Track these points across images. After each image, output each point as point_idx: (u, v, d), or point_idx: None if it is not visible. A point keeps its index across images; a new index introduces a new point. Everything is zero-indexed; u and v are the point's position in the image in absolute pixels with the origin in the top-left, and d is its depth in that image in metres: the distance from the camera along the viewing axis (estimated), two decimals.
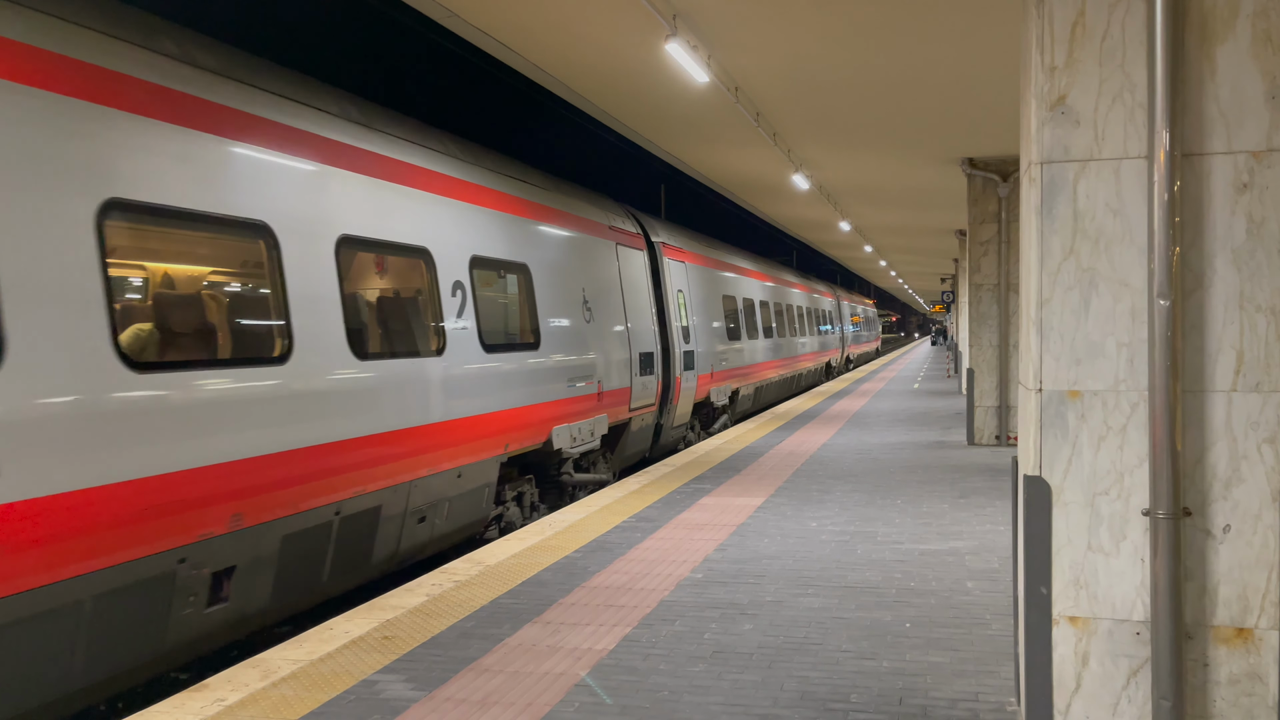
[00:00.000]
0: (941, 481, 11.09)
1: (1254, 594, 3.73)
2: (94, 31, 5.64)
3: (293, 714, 4.71)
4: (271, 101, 7.07)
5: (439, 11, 8.07)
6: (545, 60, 9.64)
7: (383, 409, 7.73)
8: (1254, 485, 3.73)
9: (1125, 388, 3.85)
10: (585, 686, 5.00)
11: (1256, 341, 3.72)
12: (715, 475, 11.82)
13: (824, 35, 8.75)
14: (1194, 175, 3.75)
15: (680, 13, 8.15)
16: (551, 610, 6.34)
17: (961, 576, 6.97)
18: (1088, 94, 3.84)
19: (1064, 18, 3.85)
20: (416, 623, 6.12)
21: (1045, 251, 3.92)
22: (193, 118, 6.25)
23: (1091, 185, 3.86)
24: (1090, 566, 3.88)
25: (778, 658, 5.38)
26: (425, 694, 4.94)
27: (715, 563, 7.50)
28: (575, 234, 12.41)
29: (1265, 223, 3.70)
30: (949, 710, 4.62)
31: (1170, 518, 3.69)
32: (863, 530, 8.55)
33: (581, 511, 9.62)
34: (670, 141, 13.94)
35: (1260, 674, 3.74)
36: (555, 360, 11.01)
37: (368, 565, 7.75)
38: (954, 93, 10.77)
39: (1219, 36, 3.70)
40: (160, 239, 6.06)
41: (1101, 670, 3.86)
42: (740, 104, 10.98)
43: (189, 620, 5.89)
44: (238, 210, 6.46)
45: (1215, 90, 3.72)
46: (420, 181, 8.82)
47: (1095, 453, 3.87)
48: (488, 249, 9.90)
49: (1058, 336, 3.92)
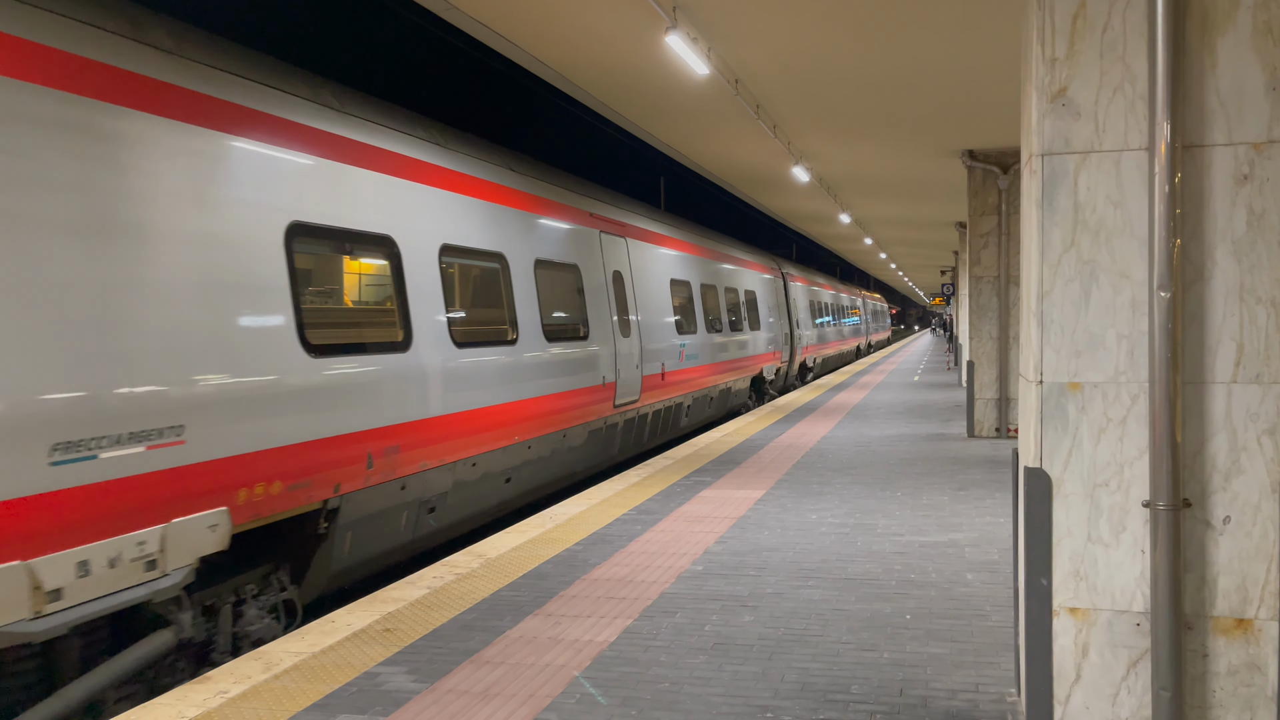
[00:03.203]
0: (941, 474, 11.10)
1: (1253, 585, 3.74)
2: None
3: (295, 706, 4.73)
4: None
5: (438, 4, 8.06)
6: (545, 53, 9.63)
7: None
8: (1254, 476, 3.74)
9: (1125, 379, 3.85)
10: (586, 679, 5.01)
11: (1257, 333, 3.72)
12: (715, 468, 11.83)
13: (824, 27, 8.74)
14: (1194, 167, 3.75)
15: (680, 5, 8.14)
16: (552, 602, 6.36)
17: (961, 568, 6.99)
18: (1088, 86, 3.84)
19: (1065, 9, 3.85)
20: (418, 615, 6.14)
21: (1046, 243, 3.92)
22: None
23: (1092, 177, 3.86)
24: (1090, 558, 3.89)
25: (778, 649, 5.40)
26: (427, 686, 4.96)
27: (716, 555, 7.52)
28: (754, 273, 23.79)
29: (1266, 214, 3.70)
30: (949, 701, 4.63)
31: (1170, 509, 3.69)
32: (863, 522, 8.56)
33: (582, 504, 9.63)
34: (670, 134, 13.93)
35: (1260, 665, 3.75)
36: (763, 337, 23.54)
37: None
38: (954, 85, 10.76)
39: (1220, 28, 3.70)
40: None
41: (1101, 661, 3.88)
42: (740, 96, 10.97)
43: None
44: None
45: (1216, 82, 3.72)
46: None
47: (1095, 444, 3.88)
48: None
49: (1058, 328, 3.92)
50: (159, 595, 5.57)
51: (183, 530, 5.72)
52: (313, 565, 7.14)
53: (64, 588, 4.94)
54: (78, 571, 5.04)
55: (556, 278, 11.52)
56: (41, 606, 4.83)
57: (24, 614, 4.73)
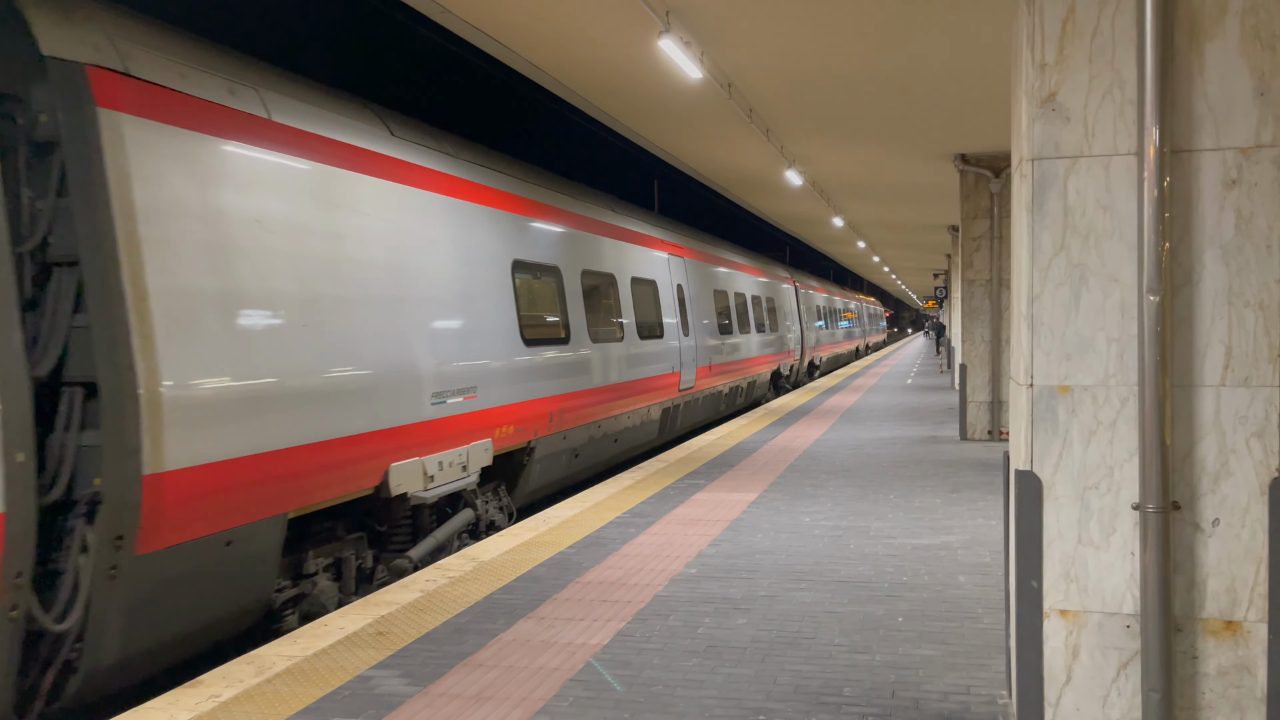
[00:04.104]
0: (934, 476, 11.13)
1: (1242, 587, 3.77)
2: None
3: (287, 710, 4.73)
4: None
5: (432, 8, 8.08)
6: (538, 56, 9.65)
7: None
8: (1242, 479, 3.76)
9: (1115, 382, 3.87)
10: (579, 682, 5.02)
11: (1245, 336, 3.75)
12: (709, 471, 11.85)
13: (816, 31, 8.77)
14: (1183, 171, 3.78)
15: (673, 9, 8.16)
16: (546, 605, 6.36)
17: (953, 570, 7.01)
18: (1078, 91, 3.87)
19: (1054, 15, 3.87)
20: (411, 618, 6.14)
21: (1036, 247, 3.94)
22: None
23: (1082, 181, 3.89)
24: (1080, 560, 3.91)
25: (771, 651, 5.41)
26: (420, 689, 4.96)
27: (709, 558, 7.53)
28: (774, 283, 27.16)
29: (1253, 218, 3.73)
30: (941, 703, 4.65)
31: (1159, 512, 3.71)
32: (856, 525, 8.58)
33: (576, 507, 9.64)
34: (663, 137, 13.95)
35: (1249, 666, 3.77)
36: (781, 338, 26.75)
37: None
38: (946, 89, 10.80)
39: (1208, 33, 3.73)
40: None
41: (1092, 663, 3.89)
42: (733, 100, 11.00)
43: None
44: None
45: (1204, 87, 3.74)
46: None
47: (1085, 447, 3.90)
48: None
49: (1048, 332, 3.94)
50: (467, 487, 9.02)
51: (475, 450, 9.14)
52: (517, 485, 10.47)
53: (434, 476, 8.35)
54: (437, 468, 8.40)
55: (644, 290, 14.97)
56: (426, 485, 8.22)
57: (420, 487, 8.13)
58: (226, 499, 6.01)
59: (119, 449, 5.28)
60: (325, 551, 7.32)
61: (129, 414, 5.33)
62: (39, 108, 5.32)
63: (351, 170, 7.63)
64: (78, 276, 5.31)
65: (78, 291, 5.32)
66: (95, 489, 5.26)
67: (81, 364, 5.30)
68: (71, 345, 5.31)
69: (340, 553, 7.50)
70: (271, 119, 6.86)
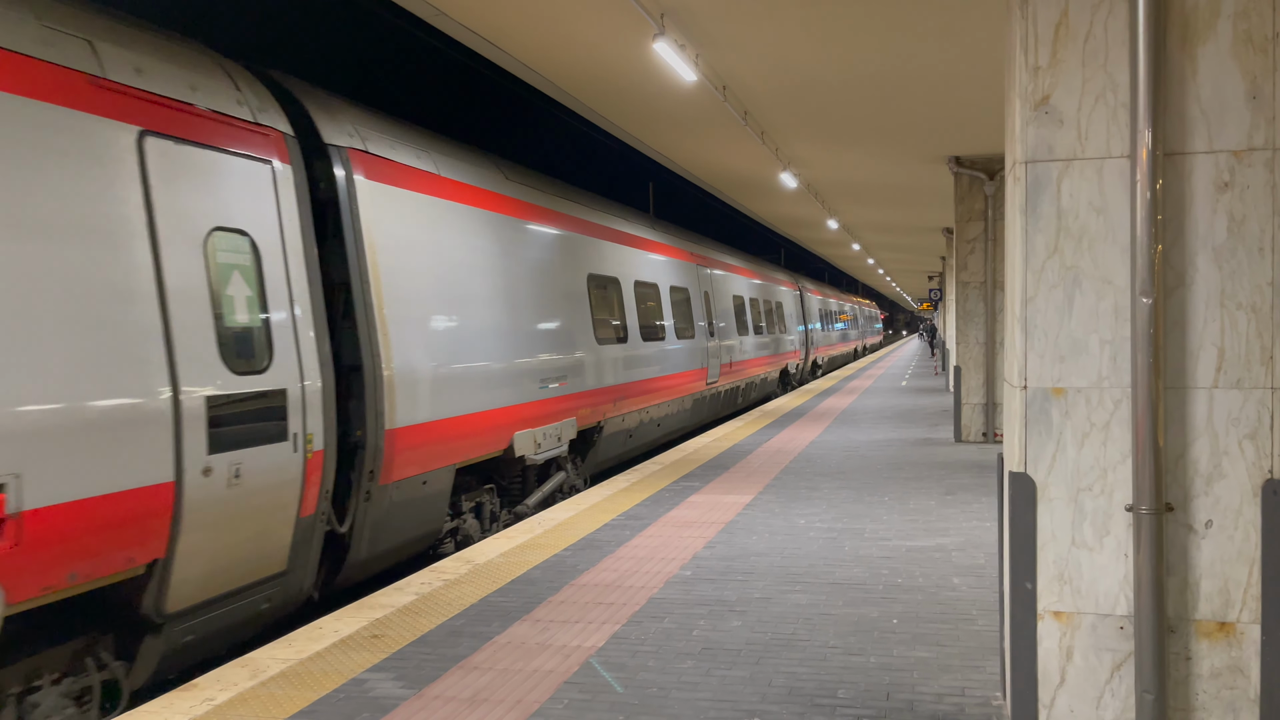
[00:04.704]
0: (928, 478, 11.14)
1: (1235, 588, 3.78)
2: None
3: (282, 713, 4.72)
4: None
5: (426, 10, 8.07)
6: (533, 59, 9.65)
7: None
8: (1235, 481, 3.77)
9: (1108, 385, 3.88)
10: (574, 684, 5.02)
11: (1237, 339, 3.76)
12: (704, 473, 11.85)
13: (811, 34, 8.79)
14: (1176, 174, 3.79)
15: (668, 11, 8.17)
16: (541, 608, 6.36)
17: (948, 572, 7.02)
18: (1071, 94, 3.88)
19: (1047, 18, 3.88)
20: (406, 621, 6.13)
21: (1029, 250, 3.95)
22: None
23: (1075, 184, 3.90)
24: (1074, 562, 3.92)
25: (766, 654, 5.41)
26: (414, 692, 4.96)
27: (704, 560, 7.53)
28: (782, 288, 29.33)
29: (1246, 221, 3.74)
30: (935, 705, 4.66)
31: (1153, 513, 3.73)
32: (850, 527, 8.59)
33: (571, 510, 9.64)
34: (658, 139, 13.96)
35: (1242, 667, 3.78)
36: (789, 339, 29.17)
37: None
38: (940, 91, 10.82)
39: (1200, 37, 3.74)
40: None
41: (1085, 664, 3.90)
42: (728, 102, 11.01)
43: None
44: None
45: (1197, 90, 3.76)
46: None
47: (1079, 449, 3.91)
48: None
49: (1042, 334, 3.95)
50: (560, 455, 11.38)
51: (566, 426, 11.47)
52: (586, 459, 12.67)
53: (540, 443, 10.65)
54: (543, 437, 10.74)
55: (680, 297, 17.58)
56: (536, 450, 10.53)
57: (533, 451, 10.45)
58: (425, 450, 8.32)
59: (374, 410, 7.64)
60: (472, 497, 9.67)
61: (381, 388, 7.71)
62: (320, 178, 7.68)
63: (486, 209, 10.10)
64: (346, 294, 7.66)
65: (346, 304, 7.67)
66: (359, 437, 7.61)
67: (350, 354, 7.66)
68: (344, 342, 7.67)
69: (480, 499, 9.82)
70: (440, 174, 9.30)
